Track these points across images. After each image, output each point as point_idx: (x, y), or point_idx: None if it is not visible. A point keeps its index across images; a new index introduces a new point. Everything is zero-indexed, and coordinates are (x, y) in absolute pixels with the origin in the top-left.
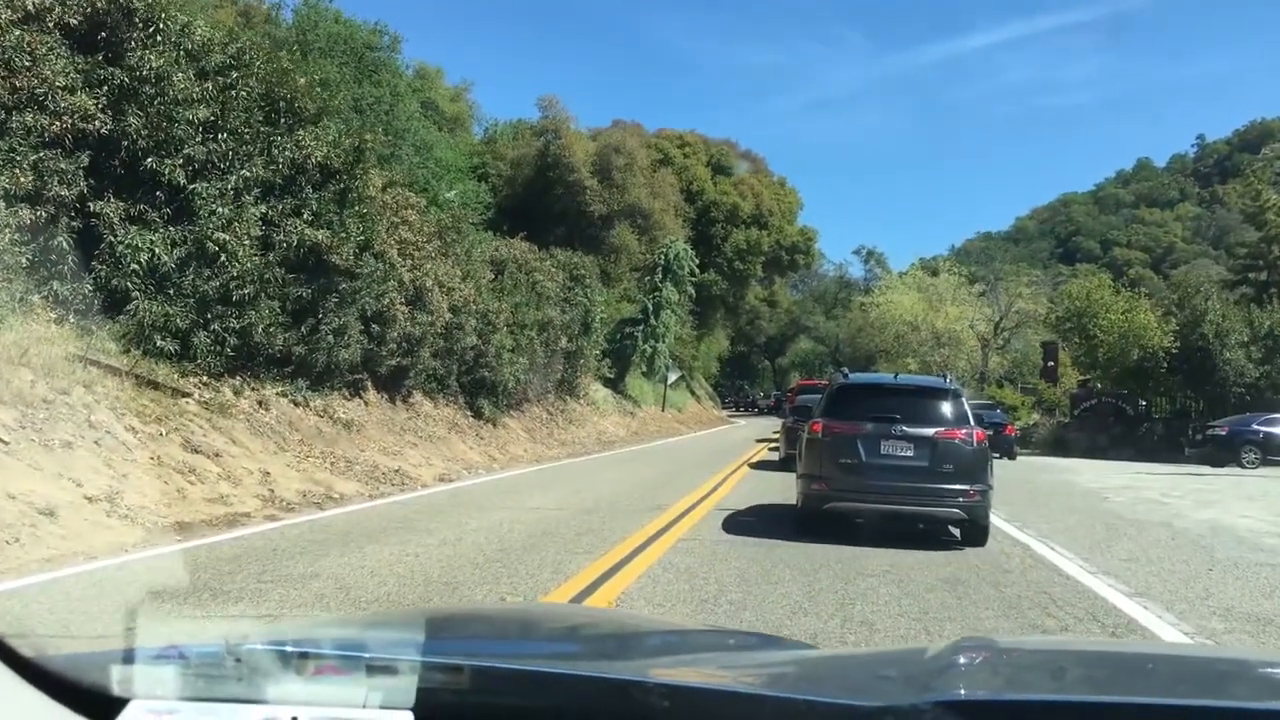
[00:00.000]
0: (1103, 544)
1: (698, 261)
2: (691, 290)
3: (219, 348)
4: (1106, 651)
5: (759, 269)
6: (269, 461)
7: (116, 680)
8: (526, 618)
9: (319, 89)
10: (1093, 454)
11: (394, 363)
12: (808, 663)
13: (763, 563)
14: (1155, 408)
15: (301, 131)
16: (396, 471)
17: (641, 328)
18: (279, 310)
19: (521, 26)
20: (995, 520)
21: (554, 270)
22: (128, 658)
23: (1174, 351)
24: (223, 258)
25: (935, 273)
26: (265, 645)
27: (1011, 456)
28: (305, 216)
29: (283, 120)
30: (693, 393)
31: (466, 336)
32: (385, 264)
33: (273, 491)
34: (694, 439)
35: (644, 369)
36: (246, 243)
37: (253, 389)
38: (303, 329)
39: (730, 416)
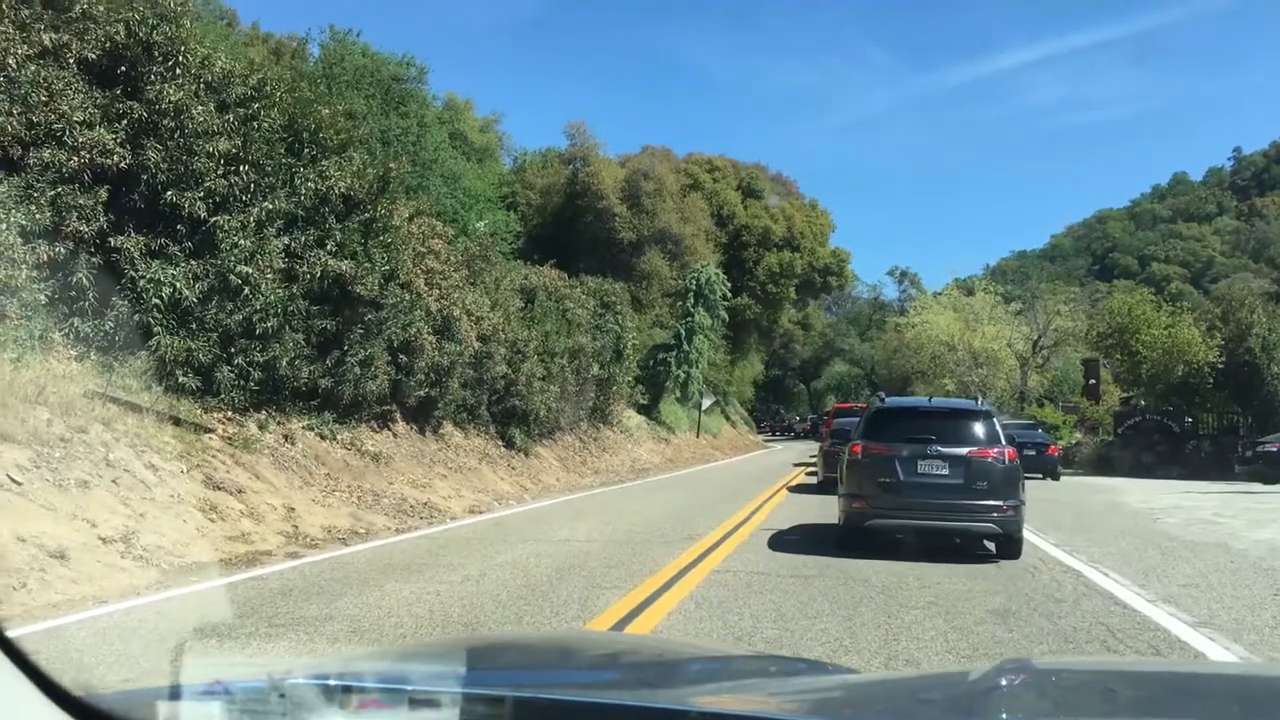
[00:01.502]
0: (1158, 569)
1: (729, 285)
2: (724, 314)
3: (243, 382)
4: (1157, 672)
5: (792, 292)
6: (294, 497)
7: (164, 717)
8: (566, 646)
9: (343, 119)
10: (1138, 473)
11: (422, 393)
12: (850, 688)
13: (799, 596)
14: (1201, 424)
15: (325, 162)
16: (425, 504)
17: (674, 353)
18: (304, 342)
19: (550, 55)
20: (1044, 545)
21: (584, 297)
22: (174, 694)
23: (1220, 366)
24: (245, 291)
25: (971, 292)
26: (309, 679)
27: (1055, 477)
28: (329, 248)
29: (306, 151)
30: (727, 418)
31: (496, 365)
32: (412, 294)
33: (296, 528)
34: (729, 464)
35: (678, 395)
36: (269, 275)
37: (278, 423)
38: (328, 361)
39: (766, 441)
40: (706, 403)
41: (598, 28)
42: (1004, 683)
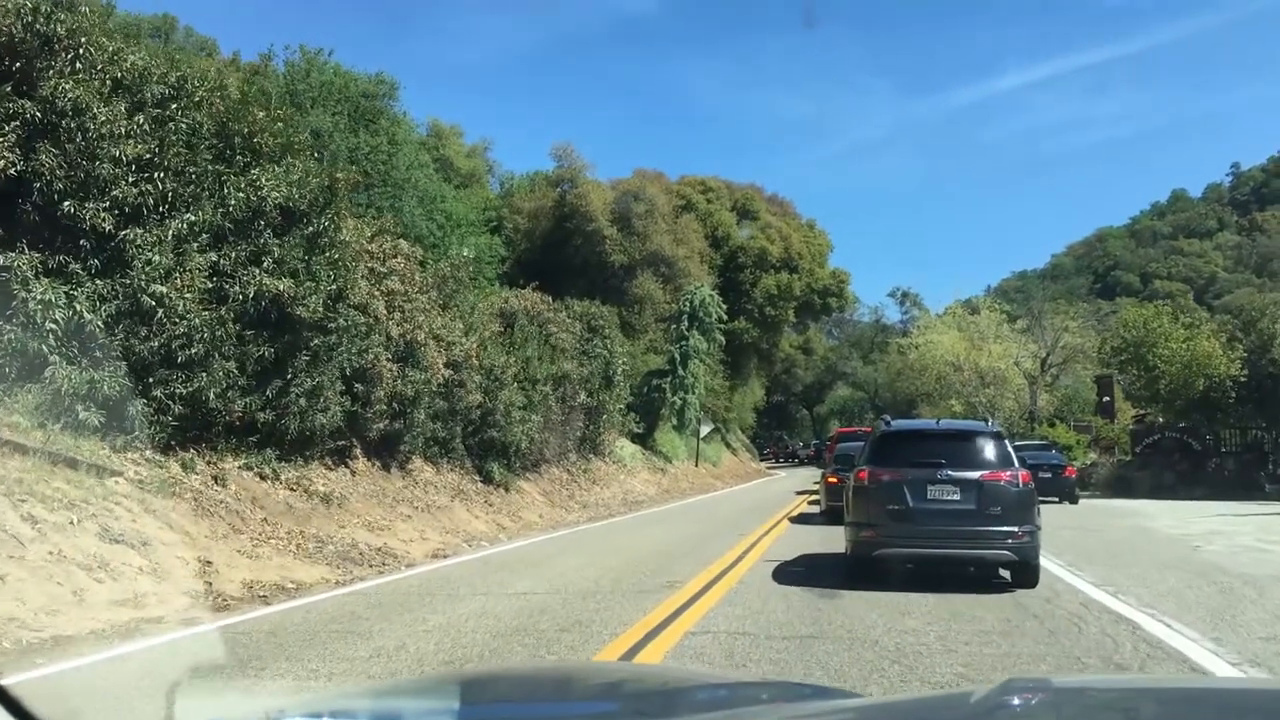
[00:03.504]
0: (1225, 614)
1: (726, 308)
2: (720, 338)
3: (161, 417)
4: (1185, 689)
5: (791, 314)
6: (214, 548)
7: None
8: (564, 676)
9: (281, 124)
10: (1158, 494)
11: (383, 425)
12: (855, 712)
13: (792, 668)
14: (1224, 441)
15: (256, 170)
16: (380, 550)
17: (669, 379)
18: (237, 371)
19: (546, 92)
20: (1082, 585)
21: (569, 321)
22: None
23: (1242, 380)
24: (160, 314)
25: (975, 310)
26: (302, 718)
27: (1073, 500)
28: (266, 265)
29: (238, 158)
30: (728, 445)
31: (470, 394)
32: (369, 317)
33: (210, 585)
34: (729, 494)
35: (674, 422)
36: (190, 295)
37: (208, 462)
38: (268, 392)
39: (769, 468)
40: (705, 430)
41: (594, 62)
42: (1016, 702)
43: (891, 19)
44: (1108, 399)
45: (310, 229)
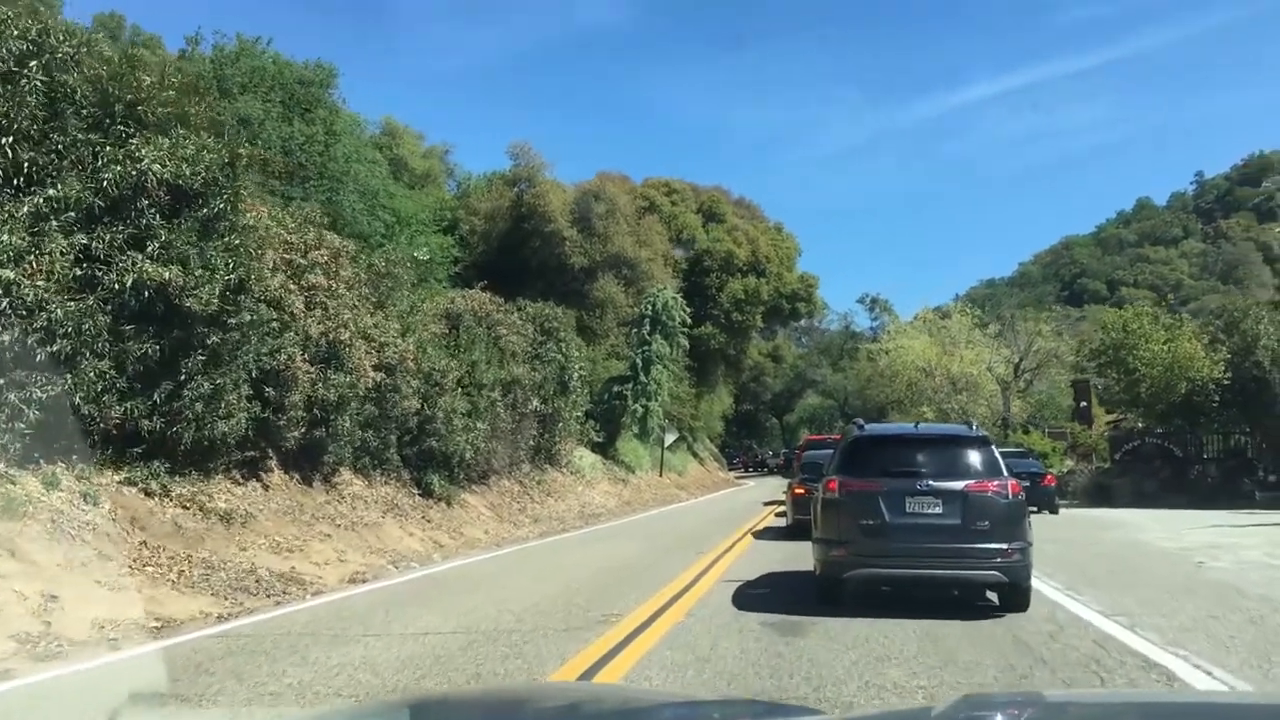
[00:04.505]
0: (1269, 654)
1: (691, 313)
2: (685, 342)
3: (13, 424)
4: (1145, 704)
5: (759, 319)
6: (65, 579)
7: None
8: (520, 699)
9: (173, 91)
10: (1139, 502)
11: (298, 433)
12: None
13: None
14: (1206, 447)
15: (135, 141)
16: (284, 575)
17: (631, 385)
18: (114, 372)
19: (510, 93)
20: (1091, 616)
21: (521, 323)
22: None
23: (1225, 383)
24: (4, 304)
25: (946, 316)
26: None
27: (1054, 510)
28: (150, 250)
29: (119, 127)
30: (695, 454)
31: (405, 400)
32: (284, 313)
33: (49, 626)
34: (693, 506)
35: (636, 431)
36: (45, 283)
37: (79, 477)
38: (155, 396)
39: (739, 478)
40: (669, 438)
41: (562, 72)
42: (974, 714)
43: (860, 31)
44: (1085, 404)
45: (205, 211)
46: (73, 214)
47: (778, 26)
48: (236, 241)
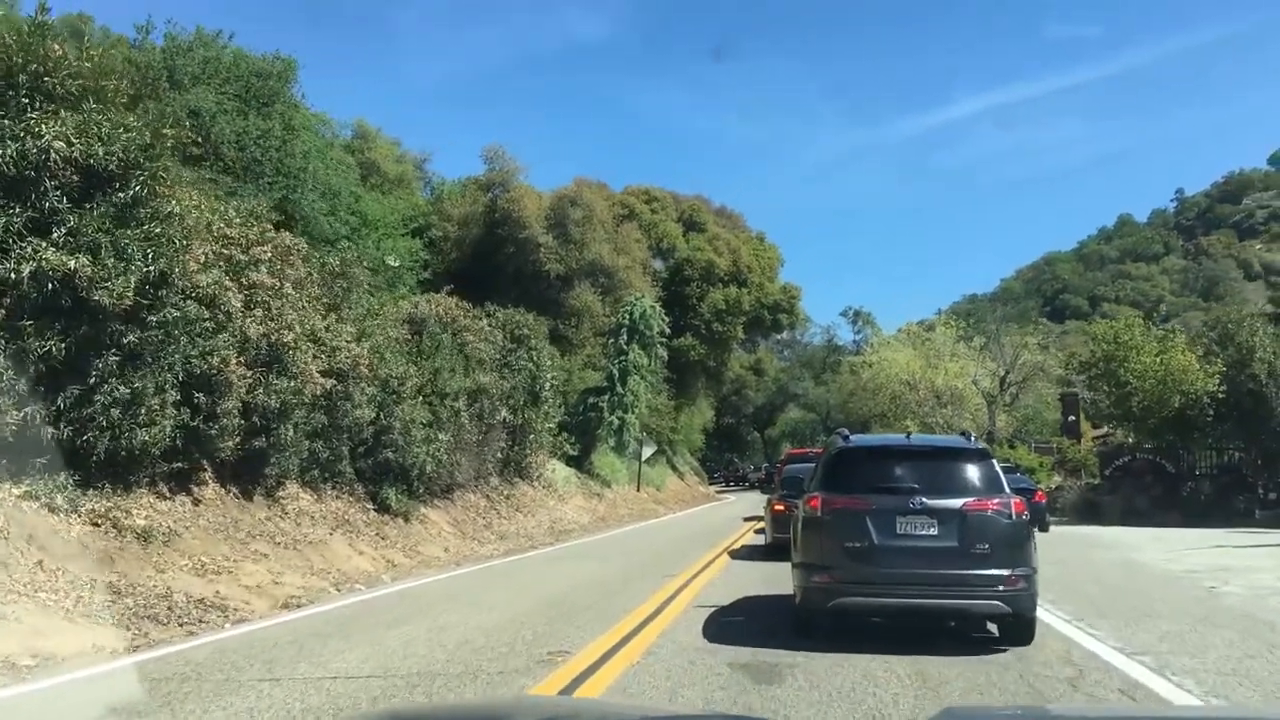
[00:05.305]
0: None
1: (671, 323)
2: (663, 353)
3: None
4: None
5: (740, 330)
6: None
7: None
8: (496, 713)
9: (87, 64)
10: (1130, 520)
11: (234, 443)
12: None
13: None
14: (1199, 462)
15: (34, 114)
16: (203, 601)
17: (607, 397)
18: (9, 372)
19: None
20: (1107, 654)
21: (489, 330)
22: None
23: (1220, 396)
24: None
25: (931, 329)
26: None
27: (1044, 528)
28: (55, 237)
29: (20, 100)
30: (674, 468)
31: (357, 409)
32: (218, 312)
33: None
34: (670, 522)
35: (612, 444)
36: None
37: None
38: (60, 400)
39: (719, 492)
40: (647, 452)
41: (544, 82)
42: None
43: (846, 45)
44: (1073, 418)
45: (121, 196)
46: None
47: (763, 40)
48: (158, 230)
